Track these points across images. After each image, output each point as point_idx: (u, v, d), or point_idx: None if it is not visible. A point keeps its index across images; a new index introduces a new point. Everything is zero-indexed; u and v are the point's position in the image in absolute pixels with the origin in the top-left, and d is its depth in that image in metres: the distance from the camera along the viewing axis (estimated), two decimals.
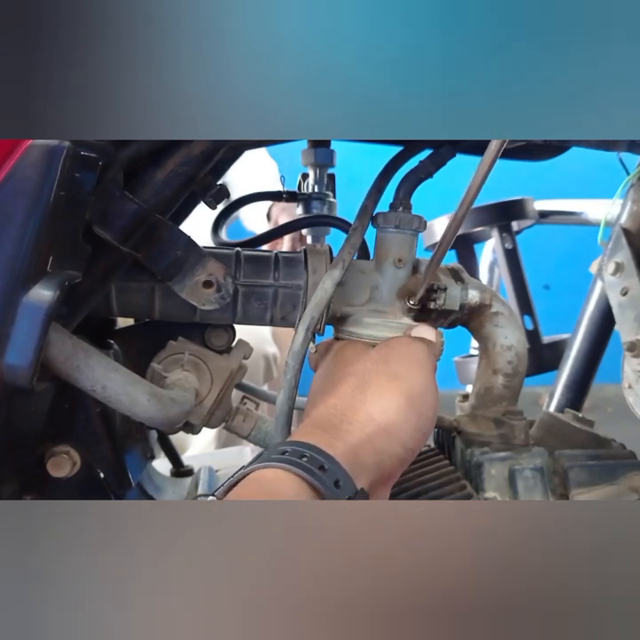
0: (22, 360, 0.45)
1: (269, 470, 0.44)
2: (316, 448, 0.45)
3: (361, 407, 0.50)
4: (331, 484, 0.43)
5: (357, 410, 0.50)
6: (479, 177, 0.53)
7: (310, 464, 0.44)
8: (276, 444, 0.48)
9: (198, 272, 0.58)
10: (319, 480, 0.43)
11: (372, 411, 0.50)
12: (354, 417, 0.49)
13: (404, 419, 0.50)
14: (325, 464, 0.44)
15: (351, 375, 0.53)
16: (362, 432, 0.48)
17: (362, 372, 0.53)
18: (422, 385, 0.53)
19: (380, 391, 0.51)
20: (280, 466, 0.43)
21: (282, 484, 0.43)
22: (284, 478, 0.43)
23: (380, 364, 0.54)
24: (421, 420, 0.52)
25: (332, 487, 0.43)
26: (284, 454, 0.45)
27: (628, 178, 0.77)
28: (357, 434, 0.48)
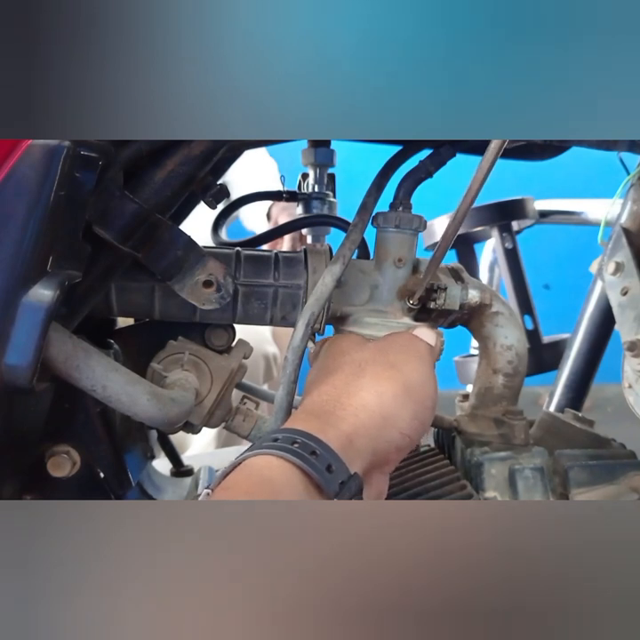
0: (22, 360, 0.45)
1: (261, 457, 0.44)
2: (308, 434, 0.45)
3: (356, 393, 0.49)
4: (322, 469, 0.43)
5: (352, 396, 0.49)
6: (479, 177, 0.53)
7: (302, 450, 0.43)
8: (269, 432, 0.48)
9: (198, 272, 0.58)
10: (311, 465, 0.43)
11: (367, 397, 0.49)
12: (348, 402, 0.49)
13: (401, 405, 0.50)
14: (317, 449, 0.44)
15: (347, 364, 0.53)
16: (356, 418, 0.48)
17: (358, 361, 0.53)
18: (420, 375, 0.52)
19: (376, 378, 0.51)
20: (271, 452, 0.43)
21: (273, 471, 0.43)
22: (275, 465, 0.43)
23: (377, 354, 0.53)
24: (419, 408, 0.51)
25: (323, 472, 0.43)
26: (276, 441, 0.44)
27: (628, 177, 0.77)
28: (351, 419, 0.48)
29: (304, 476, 0.43)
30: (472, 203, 0.54)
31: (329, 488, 0.43)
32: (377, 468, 0.49)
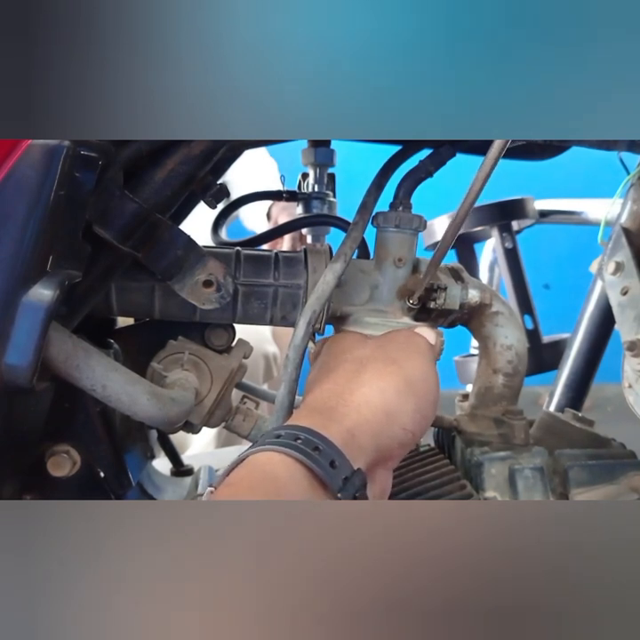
0: (22, 360, 0.45)
1: (264, 454, 0.43)
2: (311, 430, 0.45)
3: (358, 389, 0.49)
4: (326, 464, 0.43)
5: (354, 392, 0.49)
6: (481, 177, 0.52)
7: (304, 446, 0.43)
8: (272, 429, 0.48)
9: (198, 271, 0.58)
10: (314, 461, 0.42)
11: (369, 393, 0.49)
12: (350, 399, 0.48)
13: (403, 400, 0.49)
14: (320, 445, 0.44)
15: (348, 362, 0.53)
16: (358, 413, 0.48)
17: (359, 358, 0.53)
18: (421, 370, 0.52)
19: (378, 374, 0.50)
20: (274, 449, 0.43)
21: (276, 467, 0.43)
22: (278, 461, 0.43)
23: (378, 351, 0.53)
24: (421, 403, 0.50)
25: (327, 467, 0.43)
26: (279, 438, 0.44)
27: (629, 177, 0.77)
28: (353, 415, 0.47)
29: (307, 471, 0.43)
30: (474, 203, 0.54)
31: (333, 484, 0.43)
32: (380, 464, 0.49)
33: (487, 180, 0.53)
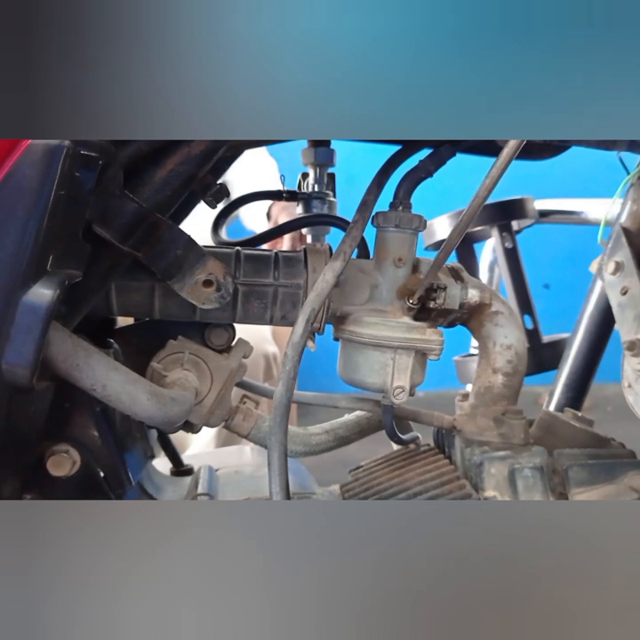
0: (22, 359, 0.45)
1: None
2: None
3: None
4: None
5: None
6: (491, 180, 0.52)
7: None
8: None
9: (198, 271, 0.58)
10: None
11: None
12: None
13: None
14: None
15: None
16: None
17: None
18: None
19: None
20: None
21: None
22: None
23: None
24: None
25: None
26: None
27: (628, 177, 0.77)
28: None
29: None
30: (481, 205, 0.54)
31: None
32: None
33: (496, 183, 0.52)
